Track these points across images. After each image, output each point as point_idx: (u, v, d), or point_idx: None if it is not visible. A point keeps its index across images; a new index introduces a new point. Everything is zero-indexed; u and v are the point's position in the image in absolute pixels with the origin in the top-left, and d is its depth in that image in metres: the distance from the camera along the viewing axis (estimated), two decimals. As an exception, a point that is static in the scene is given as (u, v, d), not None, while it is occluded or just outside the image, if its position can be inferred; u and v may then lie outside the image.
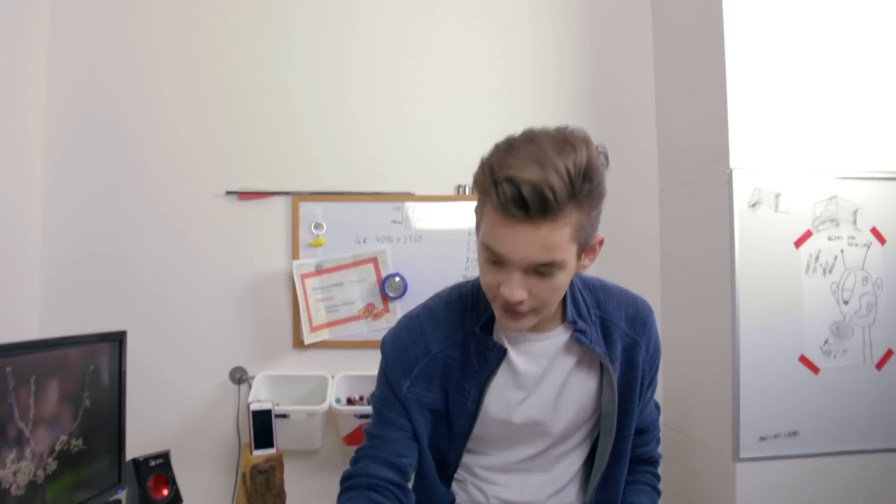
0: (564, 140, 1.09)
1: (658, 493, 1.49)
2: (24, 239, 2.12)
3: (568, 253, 1.12)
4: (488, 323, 1.32)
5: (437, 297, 1.40)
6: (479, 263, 1.21)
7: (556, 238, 1.09)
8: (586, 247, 1.18)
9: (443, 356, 1.32)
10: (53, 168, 2.20)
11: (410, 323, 1.37)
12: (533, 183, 1.04)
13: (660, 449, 1.54)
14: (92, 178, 2.21)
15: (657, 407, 1.55)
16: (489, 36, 2.34)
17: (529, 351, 1.32)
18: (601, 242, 1.23)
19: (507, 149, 1.10)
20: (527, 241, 1.09)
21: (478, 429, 1.34)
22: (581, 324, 1.30)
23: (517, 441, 1.37)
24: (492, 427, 1.35)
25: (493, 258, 1.15)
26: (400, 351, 1.34)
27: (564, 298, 1.31)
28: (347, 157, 2.27)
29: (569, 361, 1.33)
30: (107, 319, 2.12)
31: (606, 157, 1.14)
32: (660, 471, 1.52)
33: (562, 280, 1.16)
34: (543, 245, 1.09)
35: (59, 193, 2.19)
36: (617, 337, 1.34)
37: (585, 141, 1.10)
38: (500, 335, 1.33)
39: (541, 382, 1.33)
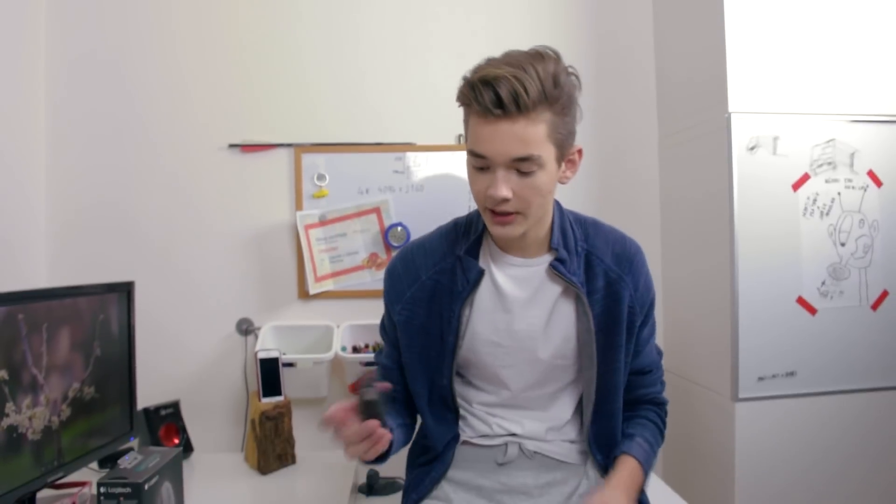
0: (535, 52, 1.24)
1: (661, 432, 1.51)
2: (28, 190, 2.13)
3: (545, 150, 1.23)
4: (473, 247, 1.42)
5: (437, 228, 1.53)
6: (468, 179, 1.32)
7: (531, 133, 1.20)
8: (565, 152, 1.29)
9: (431, 281, 1.43)
10: (55, 120, 2.20)
11: (404, 253, 1.49)
12: (506, 79, 1.16)
13: (665, 394, 1.56)
14: (95, 131, 2.21)
15: (659, 351, 1.57)
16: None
17: (515, 276, 1.41)
18: (580, 153, 1.34)
19: (484, 61, 1.25)
20: (505, 136, 1.20)
21: (468, 351, 1.42)
22: (563, 253, 1.39)
23: (507, 375, 1.42)
24: (482, 350, 1.42)
25: (479, 164, 1.26)
26: (394, 279, 1.47)
27: (553, 227, 1.40)
28: (349, 108, 2.27)
29: (555, 289, 1.40)
30: (113, 271, 2.14)
31: (578, 78, 1.27)
32: (666, 416, 1.54)
33: (543, 180, 1.26)
34: (521, 139, 1.20)
35: (62, 146, 2.20)
36: (599, 270, 1.41)
37: (555, 56, 1.24)
38: (487, 259, 1.43)
39: (529, 307, 1.40)
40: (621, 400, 1.45)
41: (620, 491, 1.33)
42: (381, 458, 1.32)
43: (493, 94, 1.18)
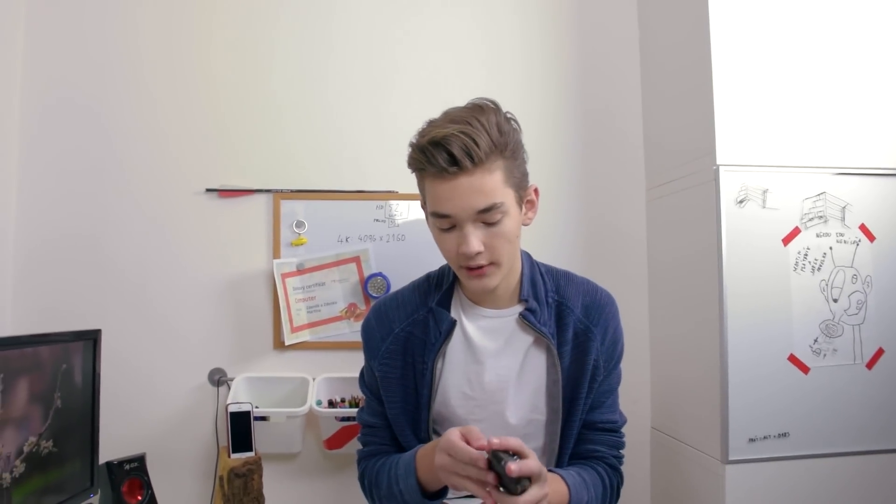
0: (474, 105, 1.29)
1: (606, 491, 1.41)
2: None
3: (506, 196, 1.27)
4: (444, 298, 1.44)
5: (411, 283, 1.53)
6: (436, 242, 1.35)
7: (489, 182, 1.24)
8: (523, 194, 1.34)
9: (404, 333, 1.43)
10: (28, 165, 2.15)
11: (378, 307, 1.50)
12: (455, 136, 1.21)
13: (623, 468, 1.49)
14: (69, 173, 2.16)
15: (622, 416, 1.51)
16: (475, 36, 2.31)
17: (486, 327, 1.42)
18: (536, 192, 1.40)
19: (427, 125, 1.31)
20: (466, 191, 1.23)
21: (440, 405, 1.41)
22: (532, 303, 1.40)
23: (481, 430, 1.37)
24: (454, 402, 1.40)
25: (444, 224, 1.29)
26: (369, 334, 1.48)
27: (522, 278, 1.42)
28: (330, 154, 2.23)
29: (527, 339, 1.41)
30: (82, 317, 2.07)
31: (517, 122, 1.33)
32: (614, 481, 1.45)
33: (509, 227, 1.29)
34: (480, 191, 1.23)
35: (34, 188, 2.14)
36: (570, 321, 1.40)
37: (494, 106, 1.30)
38: (458, 311, 1.44)
39: (500, 357, 1.40)
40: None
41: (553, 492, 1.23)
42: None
43: (445, 153, 1.21)
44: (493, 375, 1.39)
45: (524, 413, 1.40)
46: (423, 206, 1.37)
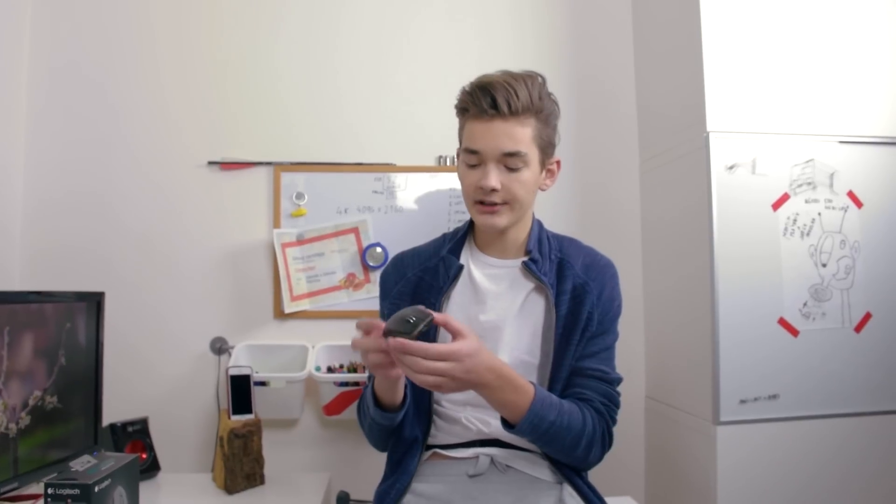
0: (526, 71, 1.45)
1: (584, 427, 1.40)
2: (4, 197, 2.12)
3: (531, 151, 1.42)
4: (456, 246, 1.57)
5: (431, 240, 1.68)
6: (460, 178, 1.50)
7: (520, 133, 1.40)
8: (546, 159, 1.49)
9: (415, 277, 1.56)
10: (35, 131, 2.20)
11: (396, 257, 1.66)
12: (501, 85, 1.38)
13: (615, 430, 1.49)
14: (74, 145, 2.21)
15: (618, 375, 1.53)
16: (470, 9, 2.35)
17: (491, 273, 1.53)
18: (559, 164, 1.55)
19: (480, 75, 1.45)
20: (497, 133, 1.39)
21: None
22: (536, 255, 1.52)
23: None
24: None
25: (472, 160, 1.44)
26: (385, 279, 1.63)
27: (530, 234, 1.55)
28: (329, 127, 2.27)
29: (528, 285, 1.51)
30: (86, 284, 2.09)
31: (557, 104, 1.49)
32: (597, 428, 1.43)
33: (527, 178, 1.43)
34: (510, 137, 1.39)
35: (40, 156, 2.20)
36: (569, 275, 1.51)
37: (542, 79, 1.46)
38: (467, 258, 1.56)
39: (500, 298, 1.51)
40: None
41: (489, 369, 1.27)
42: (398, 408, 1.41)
43: (489, 97, 1.37)
44: (493, 314, 1.48)
45: (518, 354, 1.45)
46: (458, 155, 1.50)
